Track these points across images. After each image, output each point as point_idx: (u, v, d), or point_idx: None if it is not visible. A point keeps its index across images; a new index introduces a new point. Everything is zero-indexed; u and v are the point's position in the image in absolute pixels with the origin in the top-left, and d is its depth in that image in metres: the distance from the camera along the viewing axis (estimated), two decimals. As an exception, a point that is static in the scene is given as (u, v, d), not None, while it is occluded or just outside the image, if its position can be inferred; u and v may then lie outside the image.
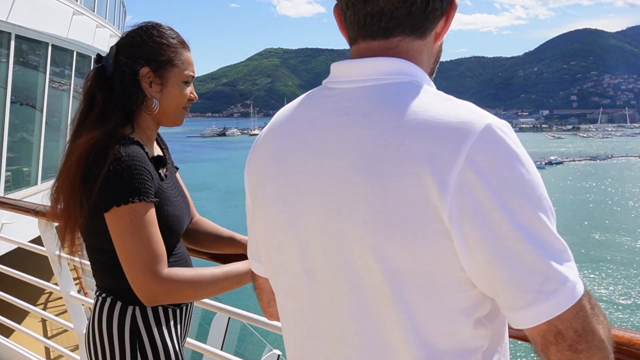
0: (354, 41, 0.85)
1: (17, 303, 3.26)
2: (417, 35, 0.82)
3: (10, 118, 8.29)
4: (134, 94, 1.43)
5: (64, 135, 10.77)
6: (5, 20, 7.70)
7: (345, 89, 0.82)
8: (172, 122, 1.53)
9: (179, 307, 1.51)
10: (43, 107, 9.38)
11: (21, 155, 9.39)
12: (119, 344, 1.43)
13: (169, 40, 1.48)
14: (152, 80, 1.45)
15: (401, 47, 0.82)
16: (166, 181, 1.49)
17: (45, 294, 7.28)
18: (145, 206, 1.34)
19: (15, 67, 8.23)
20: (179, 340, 1.52)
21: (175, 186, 1.56)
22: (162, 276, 1.33)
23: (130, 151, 1.35)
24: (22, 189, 8.92)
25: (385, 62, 0.81)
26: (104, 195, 1.32)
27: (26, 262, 4.71)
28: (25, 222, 4.37)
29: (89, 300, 3.16)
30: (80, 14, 10.41)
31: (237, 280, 1.47)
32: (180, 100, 1.50)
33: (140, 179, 1.33)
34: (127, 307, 1.44)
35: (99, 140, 1.35)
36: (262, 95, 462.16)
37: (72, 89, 10.84)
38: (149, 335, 1.43)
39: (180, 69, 1.48)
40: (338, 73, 0.85)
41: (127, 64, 1.43)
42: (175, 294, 1.36)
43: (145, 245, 1.32)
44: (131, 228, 1.32)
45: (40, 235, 2.79)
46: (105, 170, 1.31)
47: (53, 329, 6.22)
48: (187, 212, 1.58)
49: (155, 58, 1.45)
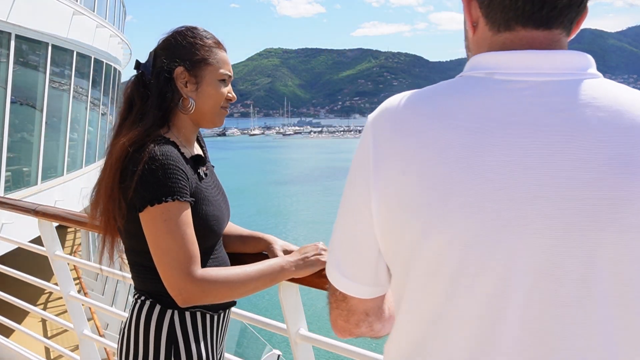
0: (507, 26, 0.77)
1: (17, 303, 3.26)
2: (567, 31, 0.78)
3: (10, 118, 8.28)
4: (169, 93, 1.44)
5: (64, 135, 10.81)
6: (5, 20, 7.69)
7: (538, 82, 0.73)
8: (210, 122, 1.51)
9: (216, 313, 1.49)
10: (43, 107, 9.37)
11: (21, 155, 9.38)
12: (154, 347, 1.42)
13: (204, 40, 1.49)
14: (187, 80, 1.46)
15: (562, 42, 0.77)
16: (205, 180, 1.48)
17: (45, 294, 7.28)
18: (180, 206, 1.33)
19: (15, 67, 8.23)
20: (215, 347, 1.51)
21: (215, 185, 1.55)
22: (196, 276, 1.32)
23: (164, 150, 1.34)
24: (22, 189, 8.91)
25: (577, 57, 0.75)
26: (139, 195, 1.32)
27: (26, 262, 4.71)
28: (25, 222, 4.37)
29: (89, 300, 3.16)
30: (80, 14, 10.41)
31: (271, 278, 1.43)
32: (217, 99, 1.49)
33: (174, 178, 1.33)
34: (165, 311, 1.42)
35: (136, 140, 1.36)
36: (262, 95, 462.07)
37: (72, 89, 10.83)
38: (185, 340, 1.42)
39: (215, 67, 1.48)
40: (515, 64, 0.75)
41: (162, 65, 1.45)
42: (209, 294, 1.34)
43: (180, 246, 1.31)
44: (165, 228, 1.31)
45: (40, 235, 2.79)
46: (140, 169, 1.31)
47: (53, 329, 6.22)
48: (227, 212, 1.57)
49: (189, 57, 1.46)
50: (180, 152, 1.39)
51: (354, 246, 0.85)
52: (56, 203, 9.53)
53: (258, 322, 1.86)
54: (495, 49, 0.79)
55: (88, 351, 2.90)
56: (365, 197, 0.80)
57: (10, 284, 3.77)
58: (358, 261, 0.86)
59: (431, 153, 0.73)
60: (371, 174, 0.79)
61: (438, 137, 0.73)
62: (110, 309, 3.06)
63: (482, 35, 0.82)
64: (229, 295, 1.39)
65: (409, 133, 0.76)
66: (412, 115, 0.77)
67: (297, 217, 38.63)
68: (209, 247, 1.45)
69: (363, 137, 0.83)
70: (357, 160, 0.83)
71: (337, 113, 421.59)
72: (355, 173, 0.82)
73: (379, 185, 0.78)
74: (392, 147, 0.77)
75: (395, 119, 0.79)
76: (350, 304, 0.92)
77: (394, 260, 0.82)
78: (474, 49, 0.85)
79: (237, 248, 1.67)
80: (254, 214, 38.28)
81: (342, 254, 0.87)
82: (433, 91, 0.80)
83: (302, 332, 1.72)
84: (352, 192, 0.83)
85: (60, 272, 2.81)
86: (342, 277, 0.88)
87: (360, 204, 0.81)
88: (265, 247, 1.63)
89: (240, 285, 1.39)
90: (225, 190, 1.63)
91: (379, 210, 0.79)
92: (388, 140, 0.78)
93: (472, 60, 0.81)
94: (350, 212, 0.84)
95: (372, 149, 0.79)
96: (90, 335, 2.84)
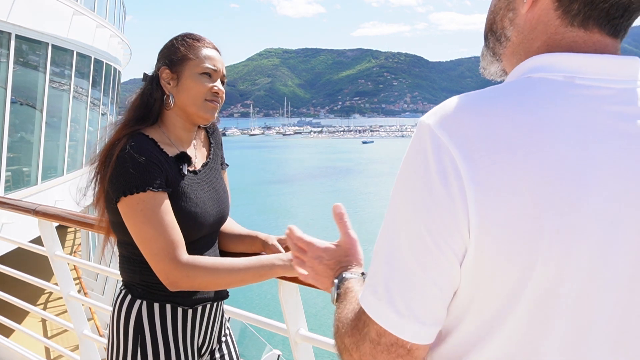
0: (584, 24, 0.72)
1: (17, 303, 3.25)
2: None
3: (10, 118, 8.28)
4: (153, 91, 1.50)
5: (64, 135, 10.80)
6: (5, 20, 7.69)
7: (621, 90, 0.70)
8: (198, 117, 1.52)
9: (191, 307, 1.50)
10: (43, 107, 9.37)
11: (21, 155, 9.38)
12: (123, 337, 1.46)
13: (186, 40, 1.53)
14: (170, 78, 1.51)
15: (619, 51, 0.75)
16: (190, 177, 1.50)
17: (45, 294, 7.27)
18: (154, 195, 1.37)
19: (15, 67, 8.22)
20: (192, 342, 1.52)
21: (208, 183, 1.56)
22: (182, 261, 1.36)
23: (137, 144, 1.39)
24: (22, 189, 8.90)
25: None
26: (113, 186, 1.38)
27: (26, 262, 4.71)
28: (25, 222, 4.37)
29: (89, 300, 3.16)
30: (80, 14, 10.40)
31: (261, 273, 1.43)
32: (197, 92, 1.49)
33: (144, 170, 1.37)
34: (134, 301, 1.47)
35: (117, 137, 1.44)
36: (262, 95, 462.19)
37: (72, 89, 10.83)
38: (152, 331, 1.45)
39: (195, 62, 1.50)
40: (597, 69, 0.70)
41: (154, 70, 1.54)
42: (194, 279, 1.38)
43: (160, 232, 1.36)
44: (143, 217, 1.36)
45: (40, 235, 2.79)
46: (112, 162, 1.38)
47: (53, 329, 6.21)
48: (218, 211, 1.57)
49: (172, 57, 1.51)
50: (159, 148, 1.44)
51: (426, 281, 0.67)
52: (56, 203, 9.52)
53: (258, 322, 1.86)
54: (562, 46, 0.72)
55: (88, 351, 2.89)
56: (453, 221, 0.66)
57: (10, 284, 3.77)
58: (430, 298, 0.68)
59: (544, 170, 0.64)
60: (466, 197, 0.65)
61: (548, 152, 0.65)
62: (110, 309, 3.06)
63: (544, 17, 0.73)
64: (214, 282, 1.42)
65: (512, 147, 0.65)
66: (511, 126, 0.66)
67: (296, 215, 38.63)
68: (191, 242, 1.47)
69: (434, 148, 0.67)
70: (427, 177, 0.67)
71: (337, 113, 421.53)
72: (428, 193, 0.67)
73: (481, 209, 0.64)
74: (495, 163, 0.65)
75: (489, 129, 0.67)
76: (415, 356, 0.70)
77: (488, 294, 0.68)
78: (525, 28, 0.76)
79: (234, 247, 1.68)
80: (254, 213, 38.28)
81: (406, 291, 0.68)
82: (519, 97, 0.69)
83: (302, 332, 1.72)
84: (426, 216, 0.67)
85: (60, 272, 2.81)
86: (413, 323, 0.68)
87: (442, 230, 0.66)
88: (261, 246, 1.63)
89: (225, 275, 1.41)
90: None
91: (479, 236, 0.65)
92: (486, 154, 0.65)
93: (542, 60, 0.73)
94: (421, 240, 0.67)
95: (461, 163, 0.65)
96: (90, 335, 2.84)
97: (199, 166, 1.57)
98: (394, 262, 0.68)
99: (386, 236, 0.71)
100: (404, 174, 0.70)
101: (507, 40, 0.80)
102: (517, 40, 0.78)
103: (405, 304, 0.67)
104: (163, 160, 1.43)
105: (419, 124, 0.70)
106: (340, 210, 0.98)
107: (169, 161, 1.45)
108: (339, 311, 0.81)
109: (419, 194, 0.67)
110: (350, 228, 0.99)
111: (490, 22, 0.83)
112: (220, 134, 1.75)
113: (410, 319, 0.67)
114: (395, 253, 0.68)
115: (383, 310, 0.68)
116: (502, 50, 0.82)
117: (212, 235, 1.58)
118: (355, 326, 0.73)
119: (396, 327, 0.68)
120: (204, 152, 1.63)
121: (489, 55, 0.86)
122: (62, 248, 2.85)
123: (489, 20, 0.83)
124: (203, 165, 1.58)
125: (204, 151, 1.63)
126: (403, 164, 0.71)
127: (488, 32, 0.84)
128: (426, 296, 0.67)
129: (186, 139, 1.56)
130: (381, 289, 0.69)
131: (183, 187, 1.46)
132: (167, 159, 1.45)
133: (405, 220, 0.68)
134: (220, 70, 1.53)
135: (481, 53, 0.88)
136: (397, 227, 0.69)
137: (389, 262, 0.69)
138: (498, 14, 0.80)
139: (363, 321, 0.71)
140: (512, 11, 0.77)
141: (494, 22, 0.81)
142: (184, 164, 1.50)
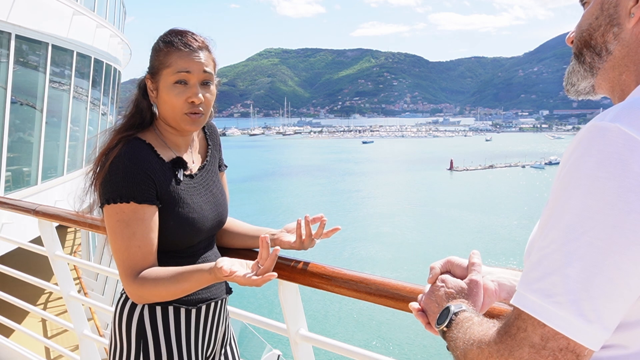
0: None
1: (17, 303, 3.25)
2: None
3: (10, 118, 8.28)
4: (140, 100, 1.50)
5: (64, 135, 10.78)
6: (5, 20, 7.69)
7: None
8: (181, 128, 1.47)
9: (194, 306, 1.49)
10: (43, 107, 9.36)
11: (21, 155, 9.37)
12: (126, 342, 1.45)
13: (164, 41, 1.47)
14: (153, 88, 1.48)
15: None
16: (187, 182, 1.49)
17: (45, 294, 7.27)
18: (136, 208, 1.36)
19: (15, 67, 8.22)
20: (196, 342, 1.50)
21: (205, 186, 1.54)
22: (135, 279, 1.36)
23: (131, 151, 1.38)
24: (22, 189, 8.90)
25: None
26: (101, 192, 1.39)
27: (26, 262, 4.70)
28: (25, 222, 4.37)
29: (89, 300, 3.16)
30: (80, 14, 10.40)
31: (198, 280, 1.33)
32: (173, 106, 1.42)
33: (133, 181, 1.36)
34: (136, 306, 1.46)
35: (113, 142, 1.44)
36: (262, 95, 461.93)
37: (72, 89, 10.83)
38: (154, 335, 1.44)
39: (168, 71, 1.43)
40: None
41: (144, 76, 1.53)
42: (143, 294, 1.37)
43: (126, 247, 1.35)
44: (117, 228, 1.36)
45: (40, 235, 2.79)
46: (106, 167, 1.38)
47: (53, 329, 6.21)
48: (216, 213, 1.55)
49: (152, 64, 1.49)
50: (156, 153, 1.43)
51: (621, 288, 0.65)
52: (56, 203, 9.52)
53: (258, 322, 1.86)
54: None
55: (88, 351, 2.90)
56: None
57: (10, 284, 3.77)
58: (621, 304, 0.66)
59: None
60: None
61: None
62: (110, 309, 3.06)
63: None
64: (157, 294, 1.37)
65: None
66: None
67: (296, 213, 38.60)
68: (188, 247, 1.46)
69: (631, 148, 0.65)
70: (624, 179, 0.64)
71: (337, 113, 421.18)
72: (627, 194, 0.64)
73: None
74: None
75: None
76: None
77: None
78: (632, 41, 0.79)
79: (239, 244, 1.68)
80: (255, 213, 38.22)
81: (597, 297, 0.64)
82: None
83: (302, 332, 1.72)
84: (624, 218, 0.64)
85: (60, 272, 2.81)
86: (600, 329, 0.65)
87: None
88: None
89: (170, 285, 1.34)
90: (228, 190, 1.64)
91: None
92: None
93: None
94: (617, 244, 0.64)
95: None
96: (90, 335, 2.84)
97: (196, 170, 1.54)
98: (580, 266, 0.65)
99: (565, 240, 0.67)
100: (588, 178, 0.66)
101: (609, 54, 0.83)
102: (621, 54, 0.81)
103: (594, 309, 0.64)
104: (158, 168, 1.41)
105: (597, 127, 0.68)
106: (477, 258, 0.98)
107: (164, 167, 1.43)
108: (463, 331, 0.80)
109: (616, 196, 0.64)
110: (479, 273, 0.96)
111: (586, 38, 0.85)
112: (219, 134, 1.71)
113: (598, 325, 0.65)
114: (585, 257, 0.65)
115: (564, 315, 0.65)
116: (602, 65, 0.84)
117: (210, 237, 1.57)
118: (506, 332, 0.70)
119: (578, 332, 0.65)
120: (201, 154, 1.61)
121: (582, 71, 0.88)
122: (62, 248, 2.85)
123: (583, 38, 0.86)
124: (200, 169, 1.56)
125: (201, 153, 1.62)
126: (582, 169, 0.67)
127: (583, 48, 0.86)
128: (618, 302, 0.65)
129: (182, 143, 1.54)
130: (561, 292, 0.65)
131: (179, 193, 1.45)
132: (162, 165, 1.43)
133: (597, 222, 0.65)
134: (195, 72, 1.42)
135: (569, 70, 0.90)
136: (583, 230, 0.65)
137: (577, 266, 0.65)
138: (597, 31, 0.83)
139: (517, 327, 0.69)
140: (616, 26, 0.80)
141: (592, 38, 0.85)
142: (179, 169, 1.48)
